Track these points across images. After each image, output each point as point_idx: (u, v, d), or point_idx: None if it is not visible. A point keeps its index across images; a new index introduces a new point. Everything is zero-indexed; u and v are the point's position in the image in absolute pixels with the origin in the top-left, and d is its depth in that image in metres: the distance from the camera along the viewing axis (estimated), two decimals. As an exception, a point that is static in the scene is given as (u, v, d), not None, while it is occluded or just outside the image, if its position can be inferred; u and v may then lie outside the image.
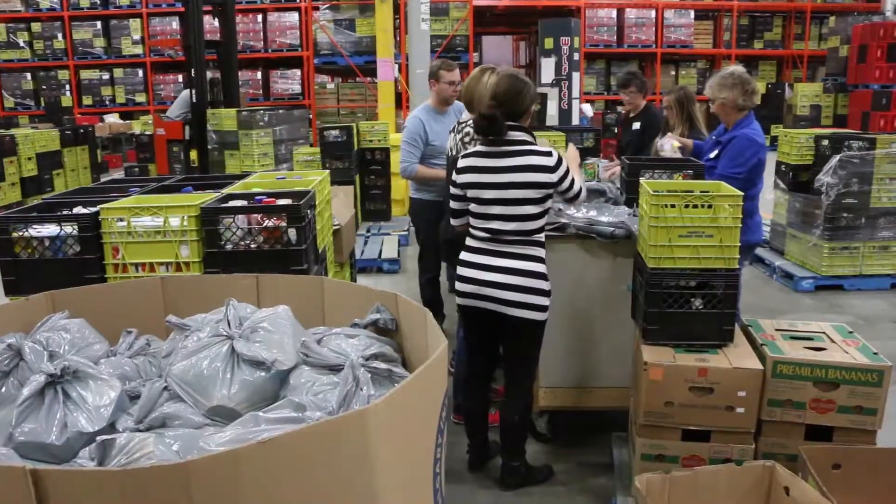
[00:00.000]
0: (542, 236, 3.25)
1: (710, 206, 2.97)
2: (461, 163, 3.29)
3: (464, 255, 3.30)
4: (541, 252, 3.24)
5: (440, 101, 4.89)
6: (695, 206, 2.98)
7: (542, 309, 3.23)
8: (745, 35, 17.78)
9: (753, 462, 2.83)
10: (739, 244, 3.01)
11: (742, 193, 3.00)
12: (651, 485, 2.70)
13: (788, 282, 6.69)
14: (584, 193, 3.32)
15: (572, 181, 3.21)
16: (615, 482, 3.33)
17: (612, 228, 3.59)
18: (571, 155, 3.65)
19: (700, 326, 3.05)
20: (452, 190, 3.32)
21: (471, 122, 3.74)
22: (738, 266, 3.04)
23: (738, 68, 4.18)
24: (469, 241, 3.31)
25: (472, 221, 3.27)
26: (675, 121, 5.07)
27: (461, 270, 3.29)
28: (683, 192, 3.02)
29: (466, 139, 3.83)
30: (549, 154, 3.14)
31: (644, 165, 3.94)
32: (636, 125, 5.69)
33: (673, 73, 17.53)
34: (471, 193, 3.22)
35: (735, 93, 4.03)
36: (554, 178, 3.13)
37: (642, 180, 3.42)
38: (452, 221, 3.44)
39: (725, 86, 4.03)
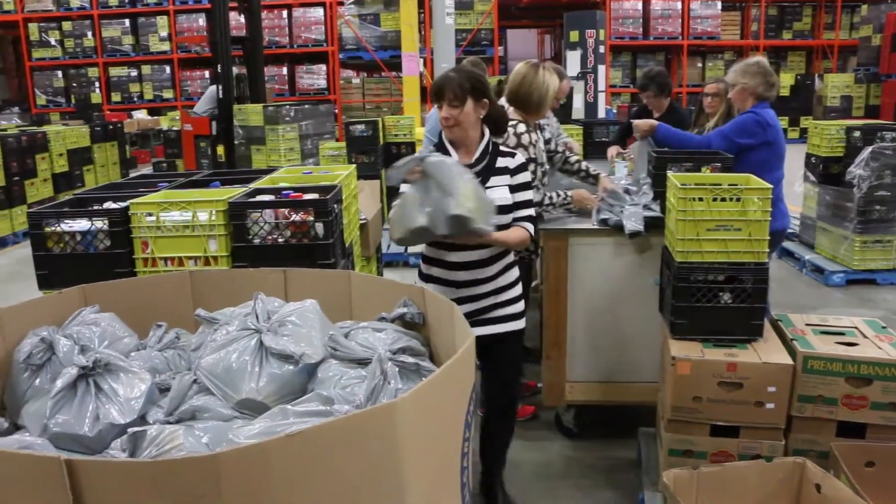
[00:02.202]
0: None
1: (738, 200, 2.94)
2: None
3: None
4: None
5: None
6: (723, 200, 2.95)
7: None
8: (774, 25, 17.58)
9: (784, 458, 2.80)
10: (769, 237, 2.97)
11: (771, 186, 2.96)
12: (679, 480, 2.68)
13: (819, 276, 6.61)
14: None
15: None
16: (642, 477, 3.31)
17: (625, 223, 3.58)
18: (578, 198, 3.83)
19: (729, 321, 3.02)
20: None
21: (512, 123, 3.64)
22: (767, 260, 3.01)
23: (763, 59, 4.24)
24: None
25: None
26: (714, 109, 5.01)
27: None
28: (711, 185, 2.99)
29: (500, 141, 3.74)
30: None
31: (671, 158, 3.90)
32: None
33: (700, 65, 17.37)
34: None
35: (757, 81, 4.09)
36: None
37: (670, 173, 3.39)
38: None
39: (749, 72, 4.10)
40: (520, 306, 3.09)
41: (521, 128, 3.66)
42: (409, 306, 2.25)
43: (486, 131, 2.98)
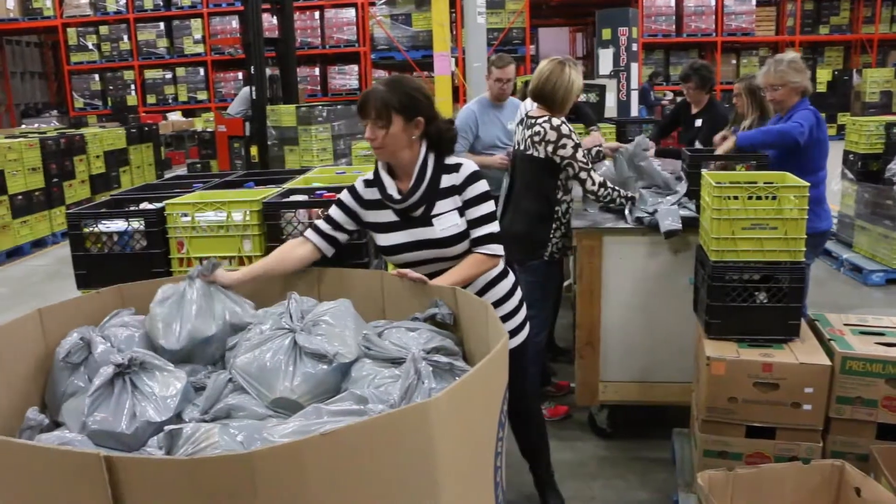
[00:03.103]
0: None
1: (774, 198, 2.90)
2: None
3: None
4: None
5: (492, 95, 4.86)
6: (758, 198, 2.91)
7: None
8: (810, 20, 17.28)
9: (821, 461, 2.76)
10: (806, 235, 2.93)
11: (808, 184, 2.92)
12: (714, 482, 2.65)
13: (857, 275, 6.49)
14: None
15: None
16: (677, 478, 3.28)
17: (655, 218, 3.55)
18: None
19: (764, 321, 2.98)
20: None
21: (543, 119, 3.66)
22: (803, 259, 2.96)
23: (798, 55, 4.19)
24: None
25: None
26: (744, 110, 4.93)
27: None
28: (746, 184, 2.95)
29: (537, 138, 3.67)
30: None
31: (705, 157, 3.86)
32: (698, 122, 5.52)
33: (734, 62, 17.15)
34: None
35: (805, 77, 4.03)
36: None
37: (704, 172, 3.35)
38: None
39: (797, 70, 4.02)
40: (515, 321, 2.80)
41: (556, 121, 3.64)
42: (441, 307, 2.26)
43: (423, 150, 2.54)
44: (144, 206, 3.17)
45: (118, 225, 3.03)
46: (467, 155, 4.75)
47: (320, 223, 2.62)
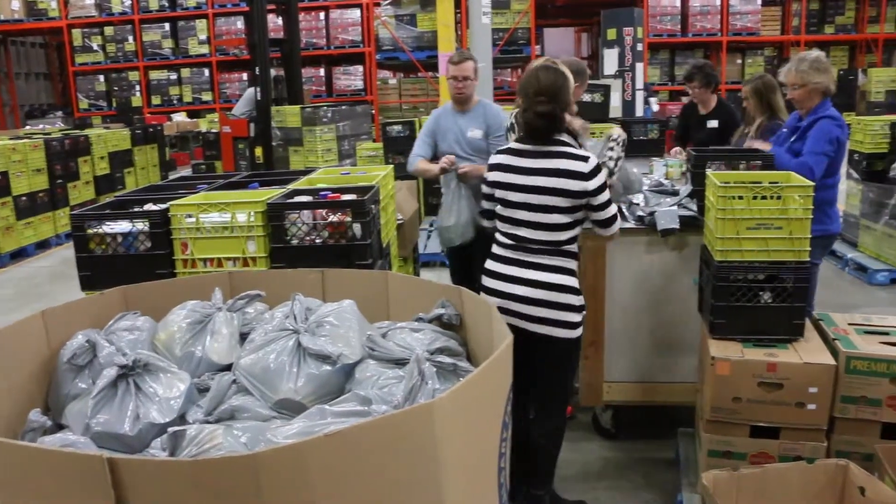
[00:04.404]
0: (573, 247, 2.97)
1: (779, 198, 2.89)
2: (493, 159, 3.05)
3: (489, 265, 3.05)
4: (571, 263, 2.97)
5: (450, 96, 4.45)
6: (763, 198, 2.90)
7: (573, 326, 2.95)
8: (815, 20, 17.21)
9: (826, 460, 2.75)
10: (816, 237, 2.92)
11: (813, 184, 2.91)
12: (718, 482, 2.65)
13: (862, 274, 6.48)
14: (619, 222, 3.01)
15: (609, 201, 2.92)
16: (681, 479, 3.28)
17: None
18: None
19: (769, 320, 2.98)
20: (484, 188, 3.09)
21: None
22: (808, 259, 2.96)
23: (822, 53, 4.02)
24: (495, 249, 3.06)
25: (499, 226, 3.03)
26: (754, 111, 4.89)
27: (485, 281, 3.04)
28: (751, 184, 2.95)
29: None
30: (584, 159, 2.85)
31: (710, 156, 3.85)
32: (711, 123, 5.44)
33: (739, 61, 17.10)
34: (498, 193, 2.98)
35: (827, 78, 3.92)
36: (588, 186, 2.83)
37: (709, 171, 3.35)
38: (483, 222, 3.23)
39: (819, 70, 3.90)
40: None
41: None
42: (447, 307, 2.26)
43: None
44: (149, 207, 3.17)
45: (122, 226, 3.02)
46: (420, 162, 4.44)
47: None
